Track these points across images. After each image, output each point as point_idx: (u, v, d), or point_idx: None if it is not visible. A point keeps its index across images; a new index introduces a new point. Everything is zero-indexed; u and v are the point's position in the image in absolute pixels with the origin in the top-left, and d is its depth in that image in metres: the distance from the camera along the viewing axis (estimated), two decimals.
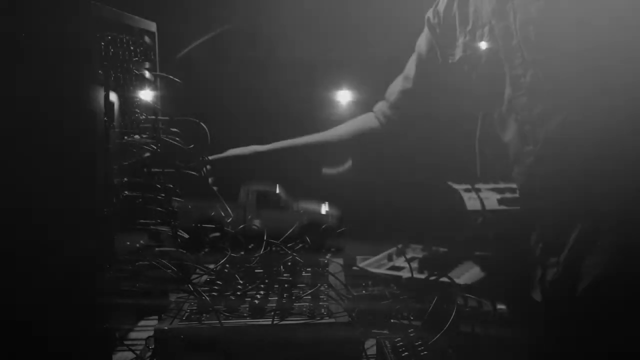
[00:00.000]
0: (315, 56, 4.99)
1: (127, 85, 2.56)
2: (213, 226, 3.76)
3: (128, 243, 2.51)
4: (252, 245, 2.88)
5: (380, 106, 3.49)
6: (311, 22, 4.92)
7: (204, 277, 2.59)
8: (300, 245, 2.82)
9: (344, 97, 5.21)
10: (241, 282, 2.44)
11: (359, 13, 4.87)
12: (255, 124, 4.98)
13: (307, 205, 5.48)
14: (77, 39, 2.01)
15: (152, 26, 2.89)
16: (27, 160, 1.97)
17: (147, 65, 2.80)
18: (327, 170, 3.51)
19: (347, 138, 3.48)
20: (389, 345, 2.13)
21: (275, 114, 5.07)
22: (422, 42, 3.26)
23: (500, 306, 2.48)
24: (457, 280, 2.77)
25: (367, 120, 3.54)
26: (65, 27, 1.99)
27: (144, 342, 2.27)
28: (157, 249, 2.57)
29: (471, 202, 3.91)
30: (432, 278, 2.71)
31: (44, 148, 1.98)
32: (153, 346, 2.01)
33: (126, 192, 2.46)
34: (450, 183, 4.07)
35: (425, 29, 3.22)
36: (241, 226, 3.17)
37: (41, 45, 1.97)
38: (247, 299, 2.21)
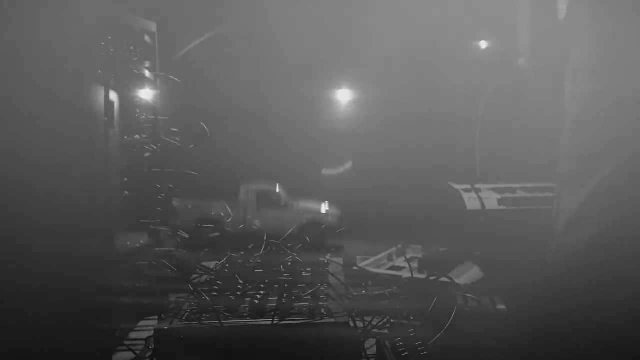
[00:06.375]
0: (315, 56, 4.99)
1: (127, 84, 2.57)
2: (213, 226, 3.75)
3: (128, 243, 2.51)
4: (252, 245, 2.88)
5: None
6: (310, 23, 4.92)
7: (204, 277, 2.59)
8: (300, 245, 2.82)
9: (343, 96, 5.22)
10: (241, 282, 2.44)
11: (359, 13, 4.87)
12: (255, 123, 4.98)
13: (307, 205, 5.48)
14: (77, 39, 2.02)
15: (152, 26, 2.89)
16: (27, 160, 1.97)
17: (147, 65, 2.80)
18: (327, 171, 3.51)
19: None
20: (389, 345, 2.13)
21: (275, 113, 5.07)
22: None
23: (500, 306, 2.48)
24: (457, 280, 2.77)
25: None
26: (66, 28, 1.99)
27: (144, 342, 2.27)
28: (157, 249, 2.58)
29: (471, 202, 3.92)
30: (432, 278, 2.71)
31: (44, 147, 1.98)
32: (153, 346, 2.01)
33: (126, 192, 2.47)
34: (450, 183, 4.07)
35: None
36: (241, 226, 3.17)
37: (41, 45, 1.97)
38: (247, 299, 2.21)
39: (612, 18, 2.16)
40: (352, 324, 2.09)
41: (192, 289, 2.27)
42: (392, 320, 2.31)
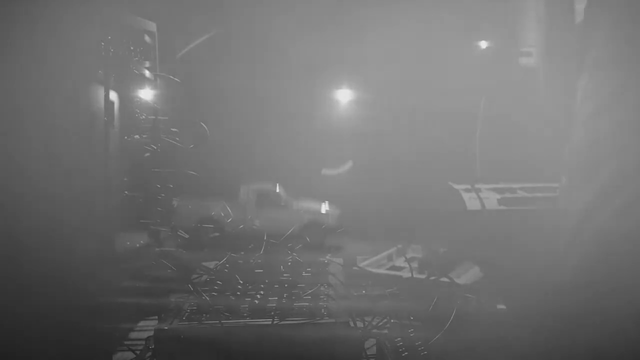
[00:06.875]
0: (315, 55, 4.99)
1: (127, 84, 2.57)
2: (213, 226, 3.74)
3: (128, 243, 2.51)
4: (252, 245, 2.88)
5: None
6: (311, 22, 4.92)
7: (204, 277, 2.59)
8: (300, 245, 2.82)
9: (343, 96, 5.22)
10: (241, 282, 2.44)
11: (358, 13, 4.88)
12: (255, 123, 4.99)
13: (307, 205, 5.49)
14: (78, 39, 2.02)
15: (152, 26, 2.90)
16: (27, 160, 1.97)
17: (147, 64, 2.80)
18: (327, 171, 3.51)
19: None
20: (389, 345, 2.12)
21: (275, 113, 5.07)
22: None
23: (500, 306, 2.48)
24: (457, 280, 2.76)
25: None
26: (67, 28, 1.99)
27: (144, 342, 2.27)
28: (157, 249, 2.58)
29: (471, 202, 3.92)
30: (432, 278, 2.71)
31: (44, 147, 1.98)
32: (153, 346, 2.01)
33: (126, 192, 2.47)
34: (450, 183, 4.08)
35: None
36: (241, 226, 3.17)
37: (42, 45, 1.97)
38: (247, 299, 2.21)
39: (633, 19, 2.17)
40: (352, 324, 2.09)
41: (192, 289, 2.27)
42: (392, 320, 2.31)
